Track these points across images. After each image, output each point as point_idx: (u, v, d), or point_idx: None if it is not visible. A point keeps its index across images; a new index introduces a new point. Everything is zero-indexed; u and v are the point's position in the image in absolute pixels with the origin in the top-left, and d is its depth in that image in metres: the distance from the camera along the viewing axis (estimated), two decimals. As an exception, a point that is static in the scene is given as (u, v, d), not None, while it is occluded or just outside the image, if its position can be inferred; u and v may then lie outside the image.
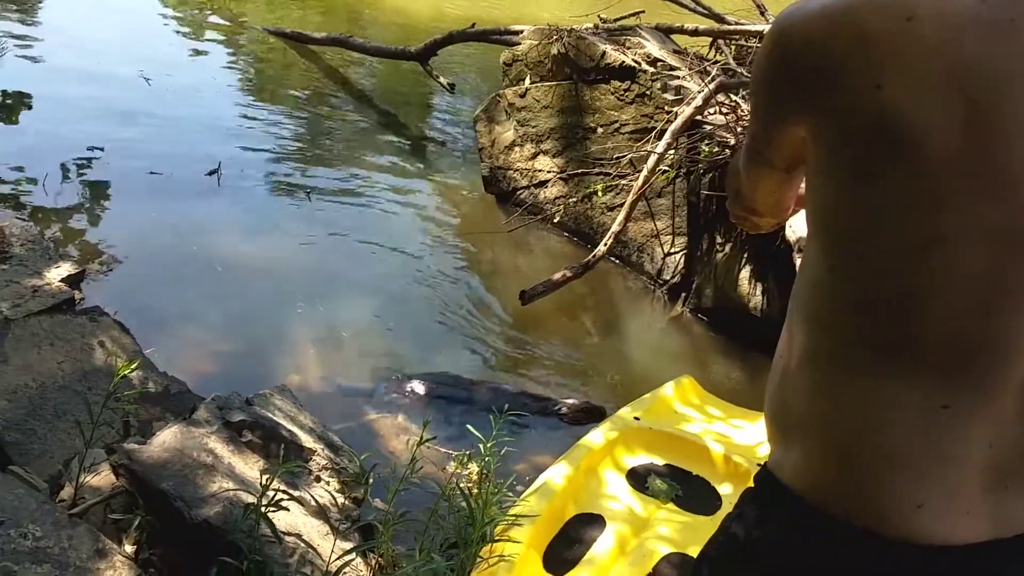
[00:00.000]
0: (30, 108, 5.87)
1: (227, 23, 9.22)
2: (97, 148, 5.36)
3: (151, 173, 5.16)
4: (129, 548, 2.18)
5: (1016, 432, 0.91)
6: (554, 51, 5.36)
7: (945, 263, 0.86)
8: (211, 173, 5.29)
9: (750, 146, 1.13)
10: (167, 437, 2.37)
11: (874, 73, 0.85)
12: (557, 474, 2.70)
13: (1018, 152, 0.84)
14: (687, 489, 2.82)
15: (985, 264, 0.86)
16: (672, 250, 4.94)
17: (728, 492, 2.81)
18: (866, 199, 0.89)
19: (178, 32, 8.80)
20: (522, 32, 5.95)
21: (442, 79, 7.37)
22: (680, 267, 4.90)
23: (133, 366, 2.47)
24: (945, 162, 0.85)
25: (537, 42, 5.52)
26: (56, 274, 3.52)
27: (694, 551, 2.46)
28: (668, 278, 4.94)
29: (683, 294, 4.86)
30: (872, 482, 0.92)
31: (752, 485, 1.08)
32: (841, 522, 0.93)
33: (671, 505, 2.75)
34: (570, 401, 3.69)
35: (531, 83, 5.50)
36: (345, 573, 2.14)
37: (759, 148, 1.09)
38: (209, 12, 9.37)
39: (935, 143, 0.84)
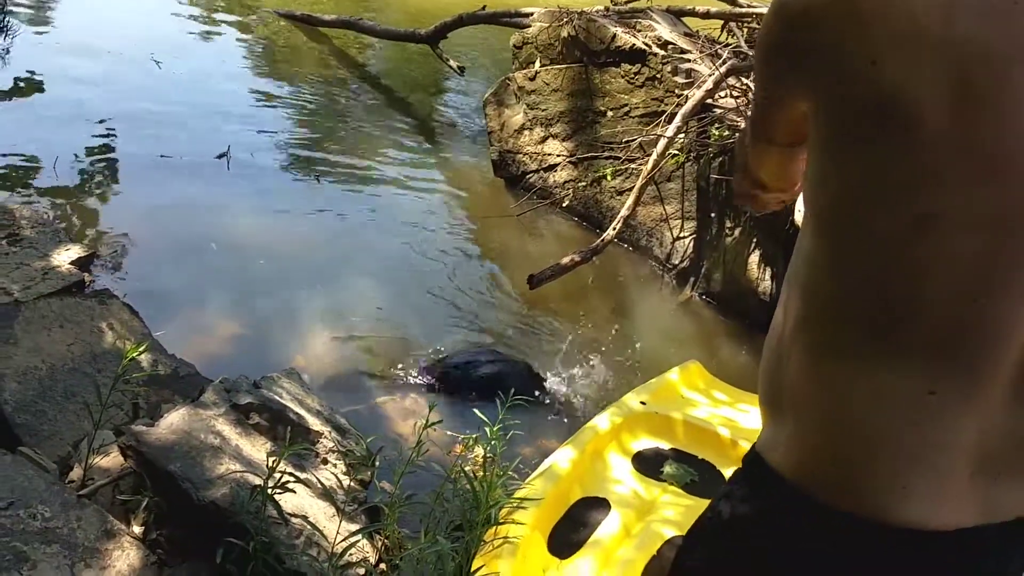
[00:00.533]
0: (42, 91, 5.88)
1: (238, 5, 9.20)
2: (107, 131, 5.38)
3: (161, 156, 5.17)
4: (137, 529, 2.21)
5: (1006, 420, 0.90)
6: (564, 34, 5.33)
7: (935, 244, 0.86)
8: (220, 156, 5.30)
9: (754, 121, 1.15)
10: (175, 419, 2.39)
11: (869, 49, 0.86)
12: (563, 458, 2.70)
13: (1009, 135, 0.83)
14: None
15: (975, 247, 0.85)
16: (681, 234, 4.92)
17: (733, 476, 2.81)
18: (859, 175, 0.89)
19: (189, 15, 8.80)
20: (532, 15, 5.92)
21: (452, 62, 7.35)
22: (689, 251, 4.88)
23: (142, 348, 2.49)
24: (936, 140, 0.84)
25: (547, 25, 5.49)
26: (66, 257, 3.54)
27: (699, 535, 2.48)
28: (677, 262, 4.93)
29: (692, 278, 4.84)
30: (858, 466, 0.92)
31: (740, 465, 1.08)
32: (826, 505, 0.93)
33: (676, 489, 2.76)
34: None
35: (541, 66, 5.47)
36: (351, 554, 2.16)
37: (761, 123, 1.11)
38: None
39: (927, 119, 0.84)
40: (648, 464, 2.87)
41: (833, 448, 0.94)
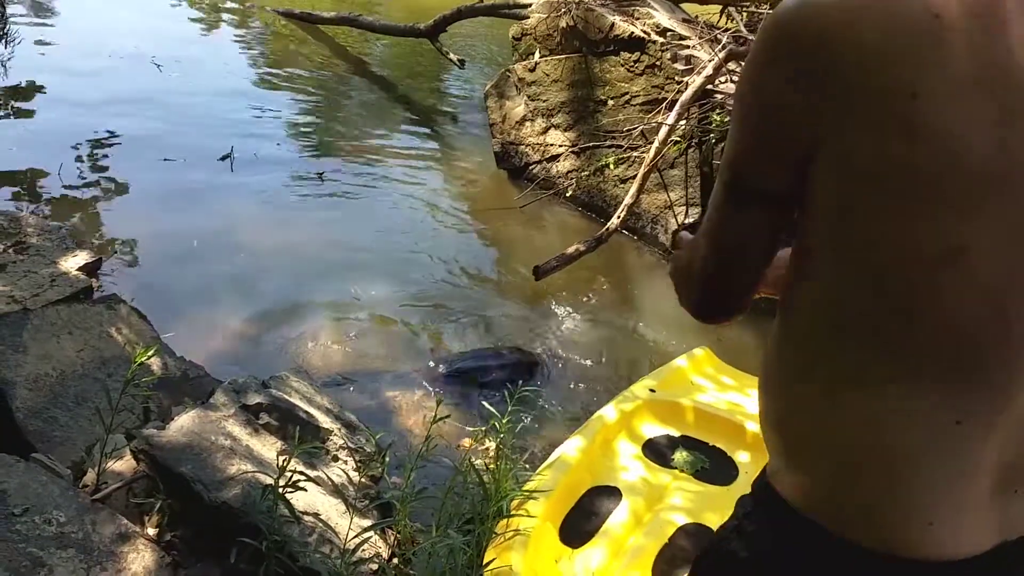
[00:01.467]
0: (43, 96, 5.91)
1: (238, 6, 9.21)
2: (110, 136, 5.40)
3: (165, 159, 5.19)
4: (151, 531, 2.22)
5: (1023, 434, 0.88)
6: (563, 24, 5.32)
7: (962, 274, 0.83)
8: (224, 158, 5.31)
9: (735, 183, 0.94)
10: (185, 421, 2.41)
11: (908, 79, 0.79)
12: (572, 447, 2.71)
13: None
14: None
15: (1004, 269, 0.83)
16: (686, 221, 4.91)
17: (745, 461, 2.81)
18: (890, 210, 0.83)
19: (189, 17, 8.81)
20: (530, 6, 5.91)
21: (452, 55, 7.35)
22: (694, 238, 4.87)
23: (150, 353, 2.50)
24: (976, 171, 0.80)
25: (546, 15, 5.48)
26: (73, 263, 3.56)
27: (710, 521, 2.49)
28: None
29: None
30: (883, 501, 0.88)
31: (751, 492, 1.04)
32: (849, 541, 0.90)
33: (687, 476, 2.76)
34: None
35: (540, 57, 5.46)
36: (363, 550, 2.17)
37: (752, 178, 0.92)
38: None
39: (970, 153, 0.80)
40: (658, 452, 2.87)
41: (855, 483, 0.90)
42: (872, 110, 0.81)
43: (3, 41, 6.81)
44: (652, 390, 3.06)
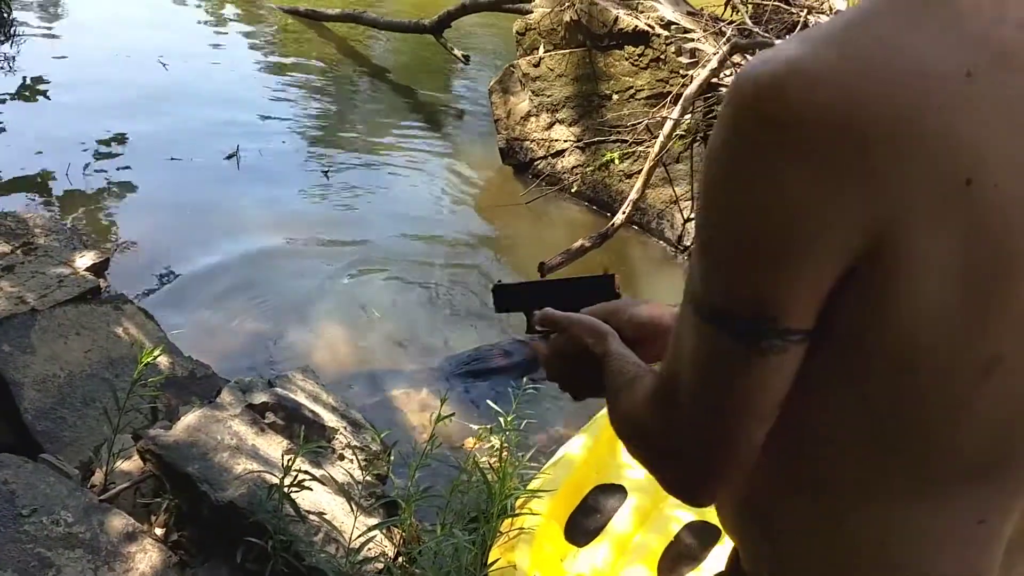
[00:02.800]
0: (49, 97, 5.93)
1: (243, 4, 9.22)
2: (117, 135, 5.42)
3: (171, 159, 5.21)
4: (158, 531, 2.24)
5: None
6: (567, 18, 5.31)
7: (996, 384, 0.72)
8: (230, 156, 5.33)
9: (755, 326, 0.69)
10: (191, 421, 2.42)
11: (959, 161, 0.64)
12: (578, 445, 2.71)
13: None
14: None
15: None
16: (691, 216, 4.91)
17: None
18: (927, 319, 0.68)
19: (194, 15, 8.83)
20: (534, 0, 5.90)
21: (457, 51, 7.34)
22: (700, 232, 4.86)
23: (156, 353, 2.52)
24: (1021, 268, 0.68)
25: (549, 10, 5.47)
26: (81, 263, 3.58)
27: (715, 518, 2.49)
28: (689, 244, 4.91)
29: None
30: None
31: None
32: None
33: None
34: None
35: (545, 52, 5.46)
36: (369, 549, 2.18)
37: (779, 317, 0.69)
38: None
39: (1019, 245, 0.67)
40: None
41: None
42: (921, 206, 0.64)
43: (10, 41, 6.85)
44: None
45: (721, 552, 2.32)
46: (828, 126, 0.63)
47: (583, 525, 2.47)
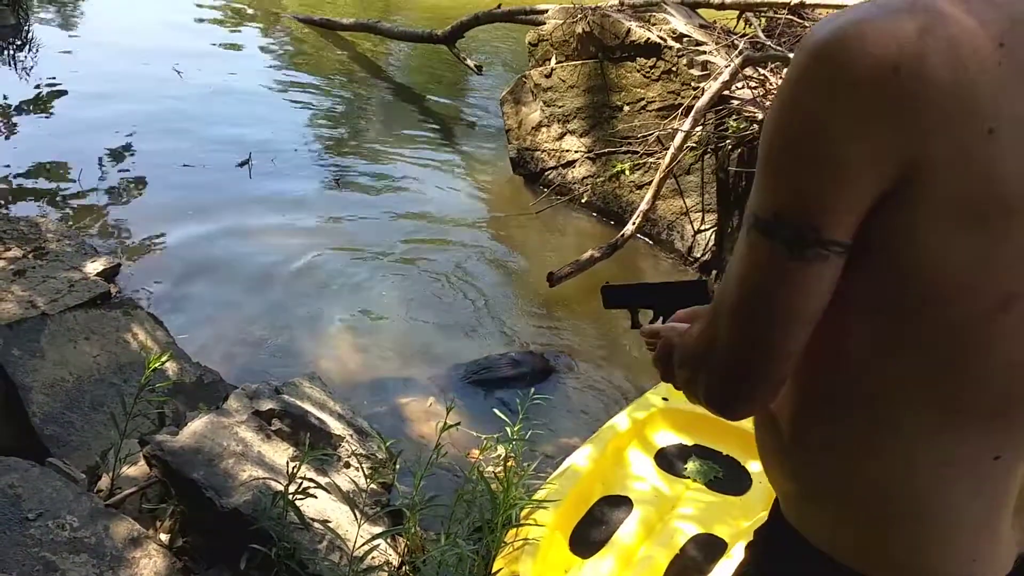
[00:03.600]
0: (65, 103, 5.98)
1: (258, 14, 9.28)
2: (130, 141, 5.46)
3: (184, 165, 5.24)
4: (163, 536, 2.24)
5: None
6: (579, 30, 5.32)
7: (1014, 320, 0.80)
8: (242, 164, 5.36)
9: (799, 236, 0.80)
10: (197, 427, 2.43)
11: (984, 114, 0.75)
12: (584, 456, 2.70)
13: None
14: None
15: None
16: (702, 227, 4.90)
17: (758, 471, 2.79)
18: (949, 258, 0.78)
19: (209, 24, 8.89)
20: (547, 12, 5.92)
21: (469, 61, 7.37)
22: (710, 244, 4.85)
23: (164, 359, 2.53)
24: None
25: (562, 21, 5.48)
26: (91, 268, 3.59)
27: (722, 531, 2.47)
28: (699, 255, 4.90)
29: (714, 271, 4.81)
30: (926, 546, 0.88)
31: (766, 540, 1.02)
32: None
33: (700, 485, 2.74)
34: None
35: (556, 63, 5.47)
36: (373, 557, 2.18)
37: (821, 228, 0.79)
38: (244, 2, 9.44)
39: None
40: (671, 461, 2.86)
41: (897, 531, 0.89)
42: (948, 148, 0.75)
43: (27, 48, 6.92)
44: (665, 399, 3.05)
45: (727, 565, 2.30)
46: (878, 70, 0.75)
47: (588, 537, 2.45)
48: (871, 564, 0.89)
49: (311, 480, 2.19)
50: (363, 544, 2.14)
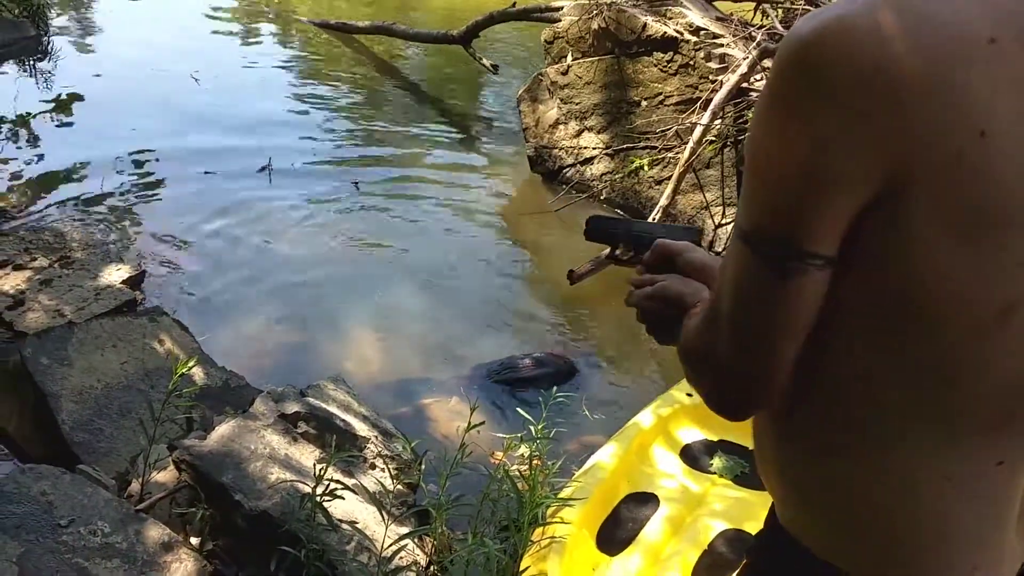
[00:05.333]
0: (85, 112, 6.04)
1: (274, 18, 9.34)
2: (151, 149, 5.50)
3: (205, 172, 5.28)
4: (194, 540, 2.27)
5: None
6: (594, 26, 5.30)
7: (1013, 329, 0.77)
8: (262, 169, 5.39)
9: (783, 250, 0.77)
10: (225, 431, 2.45)
11: (975, 115, 0.70)
12: (609, 454, 2.70)
13: None
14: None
15: None
16: (723, 221, 4.87)
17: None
18: (945, 268, 0.74)
19: (226, 30, 8.95)
20: (562, 9, 5.91)
21: (485, 60, 7.37)
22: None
23: (191, 364, 2.55)
24: None
25: (577, 18, 5.47)
26: (116, 276, 3.64)
27: (750, 527, 2.46)
28: (720, 250, 4.87)
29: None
30: (928, 552, 0.86)
31: (767, 548, 1.00)
32: None
33: (726, 481, 2.73)
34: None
35: (573, 60, 5.46)
36: (400, 558, 2.19)
37: (804, 240, 0.76)
38: (260, 8, 9.50)
39: None
40: (696, 457, 2.85)
41: (898, 544, 0.86)
42: (937, 153, 0.71)
43: (47, 57, 7.00)
44: (689, 394, 3.04)
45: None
46: (859, 71, 0.70)
47: (615, 534, 2.45)
48: (870, 573, 0.88)
49: (338, 482, 2.21)
50: (391, 544, 2.15)
